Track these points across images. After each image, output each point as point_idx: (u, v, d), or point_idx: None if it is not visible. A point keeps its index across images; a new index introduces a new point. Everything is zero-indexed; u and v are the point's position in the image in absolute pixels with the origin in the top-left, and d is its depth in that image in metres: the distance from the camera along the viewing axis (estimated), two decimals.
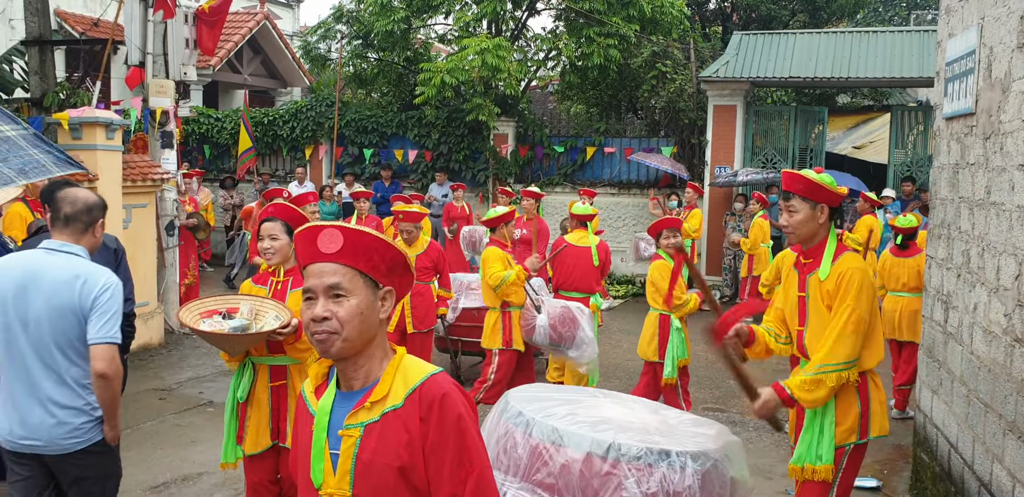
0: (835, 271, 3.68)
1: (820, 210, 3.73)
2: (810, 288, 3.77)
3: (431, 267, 7.44)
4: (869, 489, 5.82)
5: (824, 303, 3.70)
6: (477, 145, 15.21)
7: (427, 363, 2.07)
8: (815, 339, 3.73)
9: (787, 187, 3.75)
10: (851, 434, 3.70)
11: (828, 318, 3.66)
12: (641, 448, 3.02)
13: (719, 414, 7.54)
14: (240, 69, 21.10)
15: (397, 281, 2.05)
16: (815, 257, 3.79)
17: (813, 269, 3.78)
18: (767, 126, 14.42)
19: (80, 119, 8.24)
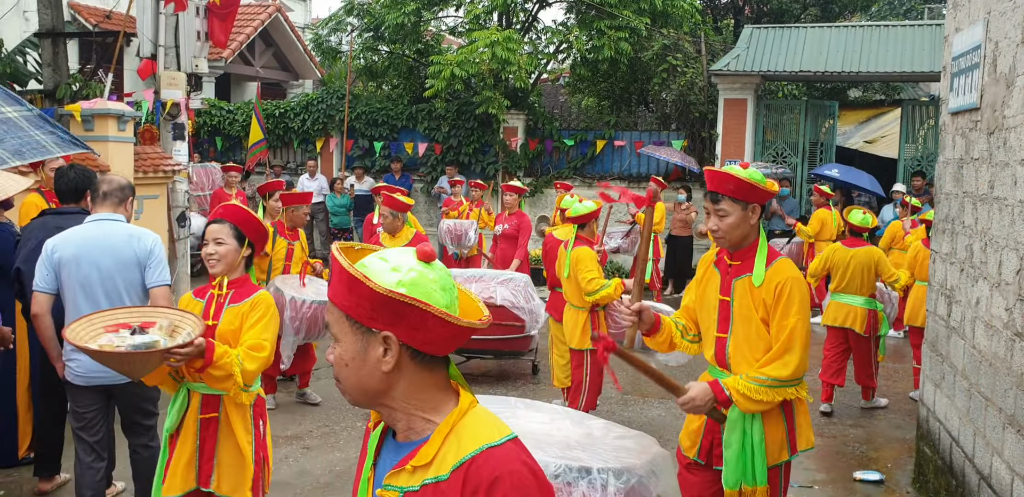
0: (772, 279, 3.36)
1: (752, 211, 3.38)
2: (737, 293, 3.42)
3: None
4: (873, 482, 5.84)
5: (757, 312, 3.37)
6: (487, 138, 15.24)
7: (496, 424, 1.64)
8: (741, 350, 3.42)
9: (714, 187, 3.37)
10: (782, 451, 3.45)
11: (758, 328, 3.36)
12: (559, 465, 2.81)
13: None
14: (252, 61, 21.17)
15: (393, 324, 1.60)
16: (745, 260, 3.44)
17: (742, 273, 3.43)
18: (778, 120, 14.40)
19: (92, 111, 8.31)
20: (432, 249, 1.65)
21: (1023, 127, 4.04)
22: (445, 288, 1.63)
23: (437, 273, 1.63)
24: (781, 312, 3.31)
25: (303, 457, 6.08)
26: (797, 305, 3.31)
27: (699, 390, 3.29)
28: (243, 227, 3.79)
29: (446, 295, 1.63)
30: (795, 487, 5.70)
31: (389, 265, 1.62)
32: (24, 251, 5.01)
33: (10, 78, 10.22)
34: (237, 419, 3.77)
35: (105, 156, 8.39)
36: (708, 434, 3.54)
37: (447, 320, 1.57)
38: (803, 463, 6.20)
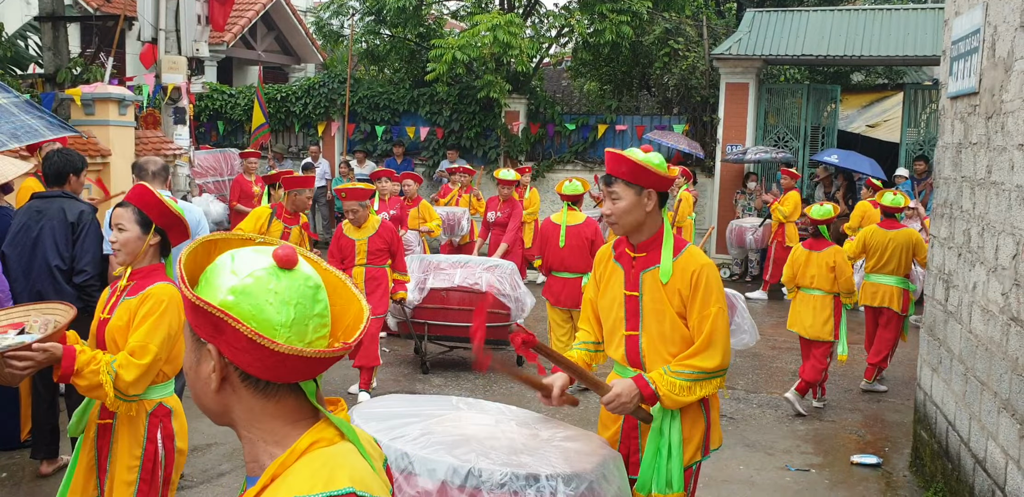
0: (680, 268, 3.16)
1: (647, 196, 3.14)
2: (646, 287, 3.21)
3: (384, 249, 6.93)
4: (870, 466, 5.88)
5: (670, 305, 3.17)
6: (488, 122, 15.21)
7: (331, 476, 1.33)
8: (656, 347, 3.21)
9: (609, 170, 3.19)
10: (697, 451, 3.26)
11: (673, 322, 3.16)
12: (505, 473, 2.61)
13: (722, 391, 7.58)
14: (254, 45, 21.12)
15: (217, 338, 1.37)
16: (650, 251, 3.22)
17: (648, 265, 3.21)
18: (779, 104, 14.37)
19: (92, 95, 8.32)
20: (293, 253, 1.39)
21: (1021, 111, 4.04)
22: (289, 302, 1.36)
23: (287, 283, 1.37)
24: (700, 302, 3.12)
25: None
26: (716, 293, 3.13)
27: (624, 386, 3.08)
28: (149, 211, 3.36)
29: (285, 311, 1.35)
30: (792, 470, 5.74)
31: (230, 266, 1.39)
32: (9, 235, 5.06)
33: (11, 62, 10.22)
34: (124, 430, 3.38)
35: (106, 140, 8.40)
36: (625, 441, 3.32)
37: (259, 342, 1.31)
38: (800, 447, 6.25)
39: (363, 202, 6.81)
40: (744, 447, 6.20)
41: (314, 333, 1.39)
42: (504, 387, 7.53)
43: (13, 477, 5.26)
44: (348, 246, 6.85)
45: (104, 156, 8.36)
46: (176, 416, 3.49)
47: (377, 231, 6.87)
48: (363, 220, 6.86)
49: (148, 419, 3.39)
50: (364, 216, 6.85)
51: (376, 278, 6.93)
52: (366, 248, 6.81)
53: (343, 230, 6.93)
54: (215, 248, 1.51)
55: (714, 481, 5.50)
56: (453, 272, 7.85)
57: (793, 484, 5.54)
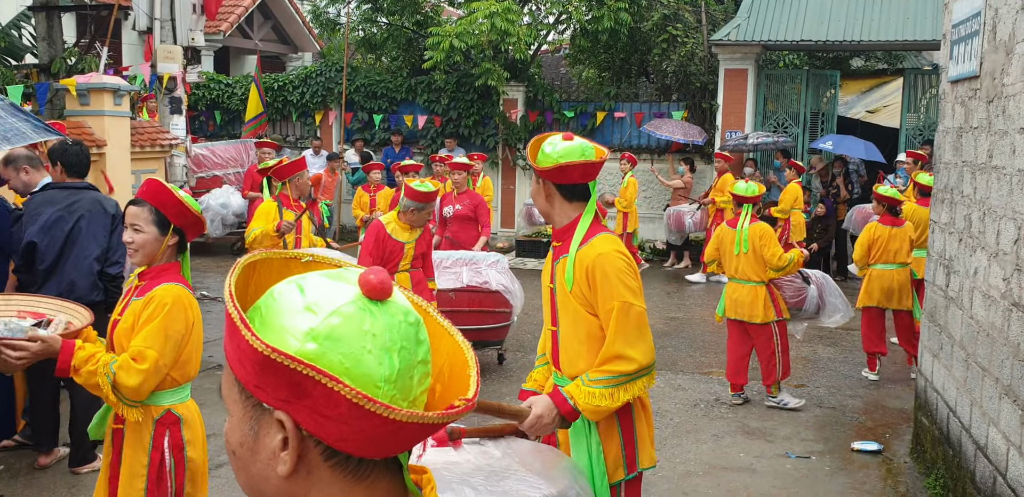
0: (579, 260, 2.91)
1: (543, 185, 3.00)
2: (557, 279, 3.01)
3: (425, 252, 6.51)
4: (870, 452, 5.86)
5: (575, 299, 2.94)
6: (487, 110, 15.15)
7: None
8: (570, 345, 3.00)
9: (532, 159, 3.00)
10: (617, 468, 2.97)
11: (576, 317, 2.94)
12: None
13: (723, 378, 7.57)
14: (251, 34, 21.02)
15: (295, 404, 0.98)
16: (564, 240, 3.00)
17: (561, 254, 3.00)
18: (779, 90, 14.30)
19: (87, 85, 8.27)
20: (386, 278, 1.04)
21: (1022, 95, 4.00)
22: (391, 348, 1.01)
23: (385, 321, 1.02)
24: (601, 296, 2.86)
25: None
26: (617, 285, 2.84)
27: (542, 406, 2.80)
28: (166, 211, 3.17)
29: (388, 361, 1.00)
30: (792, 458, 5.73)
31: (304, 301, 1.02)
32: (35, 226, 5.01)
33: (5, 52, 10.16)
34: (132, 437, 3.26)
35: (101, 130, 8.36)
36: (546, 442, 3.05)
37: (368, 408, 0.95)
38: (800, 434, 6.23)
39: (432, 204, 6.32)
40: (744, 434, 6.19)
41: (419, 386, 1.05)
42: (492, 391, 7.50)
43: (10, 469, 5.24)
44: (396, 249, 6.20)
45: (99, 147, 8.32)
46: (188, 425, 3.31)
47: (423, 233, 6.37)
48: (426, 222, 6.35)
49: (154, 427, 3.24)
50: (429, 219, 6.39)
51: (421, 283, 6.42)
52: (414, 252, 6.29)
53: (387, 230, 6.20)
54: (254, 272, 1.14)
55: (714, 469, 5.50)
56: (459, 271, 7.33)
57: (793, 471, 5.53)
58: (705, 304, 10.84)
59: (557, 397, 2.84)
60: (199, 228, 3.33)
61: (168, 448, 3.24)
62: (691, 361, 8.18)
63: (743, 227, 6.58)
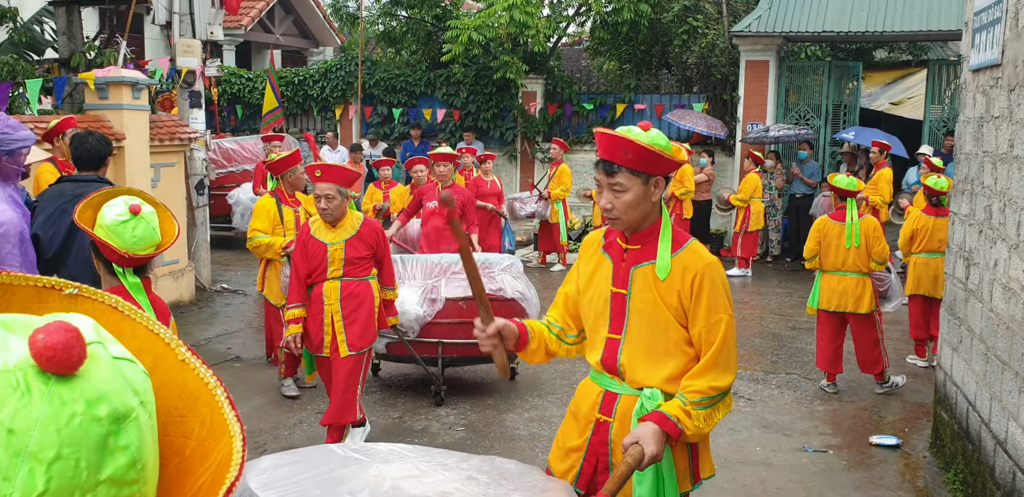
0: (681, 267, 2.71)
1: (654, 185, 2.69)
2: (636, 286, 2.77)
3: (368, 256, 5.21)
4: (889, 447, 5.80)
5: (665, 308, 2.73)
6: (505, 103, 15.12)
7: None
8: (639, 354, 2.78)
9: (609, 155, 2.66)
10: (684, 480, 2.84)
11: (666, 328, 2.74)
12: None
13: (744, 372, 7.50)
14: (272, 29, 21.09)
15: None
16: (645, 244, 2.78)
17: (642, 260, 2.77)
18: (800, 82, 14.16)
19: (106, 79, 8.30)
20: (71, 343, 0.74)
21: None
22: (36, 456, 0.72)
23: (48, 411, 0.73)
24: (707, 308, 2.68)
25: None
26: (724, 297, 2.72)
27: (650, 436, 2.55)
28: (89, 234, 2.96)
29: (23, 476, 0.71)
30: (809, 452, 5.67)
31: None
32: (40, 218, 5.03)
33: (27, 47, 10.23)
34: None
35: (120, 124, 8.39)
36: (592, 455, 2.88)
37: None
38: (818, 428, 6.17)
39: (342, 187, 5.02)
40: (761, 428, 6.14)
41: None
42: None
43: None
44: (319, 252, 5.08)
45: (118, 140, 8.35)
46: None
47: (358, 232, 5.13)
48: (338, 215, 5.06)
49: None
50: (340, 209, 5.05)
51: (357, 295, 5.18)
52: (343, 255, 5.09)
53: (310, 229, 5.17)
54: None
55: (730, 463, 5.45)
56: None
57: (810, 465, 5.47)
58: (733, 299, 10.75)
59: (667, 424, 2.61)
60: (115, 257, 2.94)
61: None
62: None
63: (853, 221, 6.73)
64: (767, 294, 11.05)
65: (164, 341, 0.92)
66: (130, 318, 0.93)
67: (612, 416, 2.83)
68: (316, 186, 4.96)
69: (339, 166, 5.03)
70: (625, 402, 2.81)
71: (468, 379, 7.06)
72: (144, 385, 0.81)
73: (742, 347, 8.41)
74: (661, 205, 2.79)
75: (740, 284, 11.66)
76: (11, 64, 8.44)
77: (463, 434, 5.87)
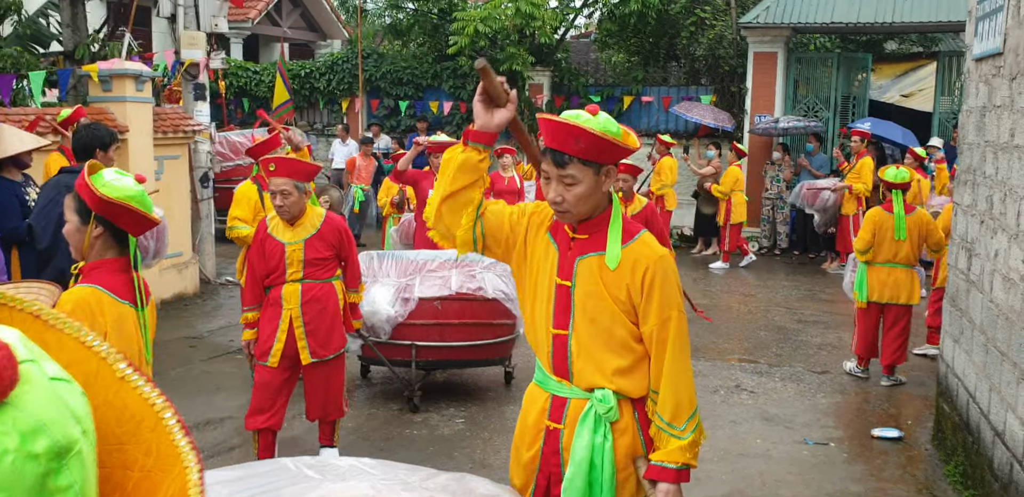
0: (632, 259, 2.53)
1: (606, 174, 2.49)
2: (581, 277, 2.56)
3: (330, 257, 4.79)
4: (891, 439, 5.75)
5: (613, 302, 2.54)
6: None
7: None
8: (589, 352, 2.57)
9: (558, 145, 2.42)
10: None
11: (612, 322, 2.54)
12: None
13: (748, 365, 7.50)
14: (279, 22, 21.08)
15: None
16: (593, 234, 2.58)
17: (589, 251, 2.57)
18: (809, 73, 14.05)
19: (109, 71, 8.30)
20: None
21: None
22: None
23: None
24: (659, 303, 2.49)
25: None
26: (676, 292, 2.54)
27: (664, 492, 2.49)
28: (84, 196, 2.82)
29: None
30: (810, 444, 5.64)
31: None
32: (36, 208, 5.06)
33: (31, 40, 10.25)
34: None
35: (123, 116, 8.40)
36: (545, 467, 2.70)
37: None
38: (820, 420, 6.14)
39: (299, 182, 4.55)
40: (763, 421, 6.10)
41: None
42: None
43: None
44: (276, 252, 4.66)
45: (121, 132, 8.35)
46: None
47: (319, 230, 4.70)
48: (296, 212, 4.61)
49: None
50: (298, 206, 4.59)
51: (319, 300, 4.75)
52: (302, 256, 4.67)
53: (267, 227, 4.73)
54: None
55: (729, 455, 5.42)
56: (448, 274, 6.02)
57: (810, 457, 5.44)
58: (731, 291, 10.73)
59: (681, 476, 2.51)
60: (134, 219, 2.84)
61: None
62: (713, 348, 8.09)
63: (900, 213, 6.78)
64: (774, 287, 11.00)
65: (99, 355, 0.80)
66: (55, 328, 0.79)
67: (562, 423, 2.63)
68: (271, 181, 4.51)
69: (295, 159, 4.55)
70: (575, 406, 2.61)
71: (468, 370, 7.04)
72: (85, 410, 0.70)
73: (747, 339, 8.38)
74: (612, 192, 2.62)
75: (726, 276, 11.62)
76: (15, 57, 8.46)
77: (462, 425, 5.86)
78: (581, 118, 2.43)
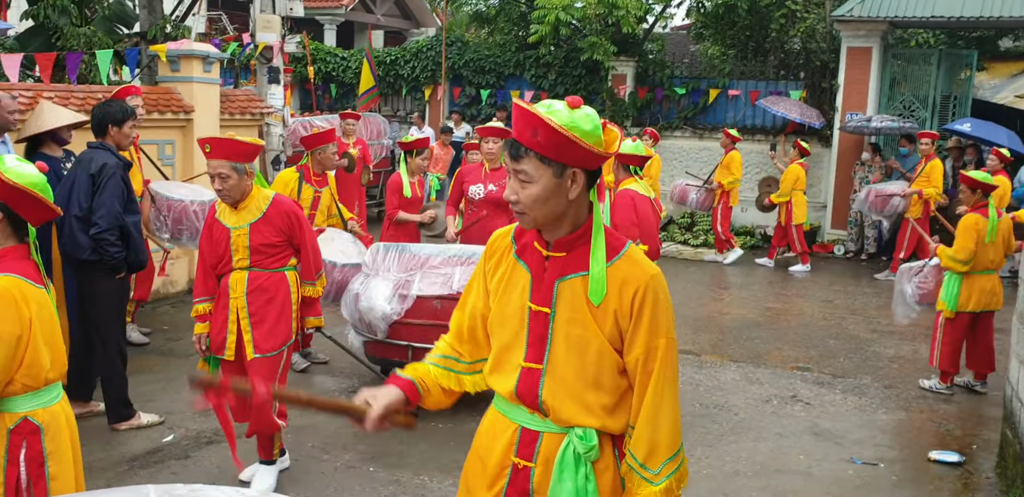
0: (619, 280, 2.19)
1: (571, 179, 2.15)
2: (563, 303, 2.23)
3: (281, 243, 4.43)
4: (949, 464, 5.32)
5: (599, 331, 2.21)
6: (594, 86, 14.78)
7: None
8: (567, 388, 2.24)
9: (517, 134, 2.15)
10: None
11: (599, 355, 2.22)
12: None
13: (806, 374, 7.10)
14: (373, 9, 21.24)
15: None
16: (571, 251, 2.24)
17: (569, 271, 2.24)
18: (907, 70, 13.30)
19: (177, 52, 8.38)
20: None
21: None
22: None
23: None
24: (648, 329, 2.19)
25: None
26: (667, 318, 2.22)
27: None
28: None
29: None
30: (858, 463, 5.26)
31: None
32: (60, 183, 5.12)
33: (118, 21, 10.45)
34: None
35: (190, 96, 8.47)
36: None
37: None
38: (875, 438, 5.73)
39: (238, 163, 4.19)
40: (811, 435, 5.73)
41: None
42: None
43: None
44: (222, 238, 4.37)
45: (187, 113, 8.44)
46: (51, 434, 2.88)
47: (265, 214, 4.34)
48: (237, 195, 4.28)
49: (9, 437, 2.82)
50: (239, 189, 4.25)
51: (266, 290, 4.40)
52: (247, 242, 4.35)
53: (216, 211, 4.44)
54: None
55: (766, 470, 5.10)
56: (451, 272, 5.70)
57: (855, 478, 5.06)
58: (808, 296, 10.26)
59: None
60: (36, 207, 2.83)
61: (24, 461, 2.83)
62: (777, 354, 7.71)
63: (995, 216, 6.58)
64: (854, 293, 10.47)
65: None
66: None
67: (533, 460, 2.29)
68: (208, 163, 4.21)
69: (232, 139, 4.20)
70: (549, 442, 2.28)
71: None
72: None
73: (814, 347, 7.96)
74: (593, 203, 2.24)
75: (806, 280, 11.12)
76: (88, 36, 8.61)
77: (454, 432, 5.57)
78: (551, 109, 2.11)
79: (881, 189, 11.07)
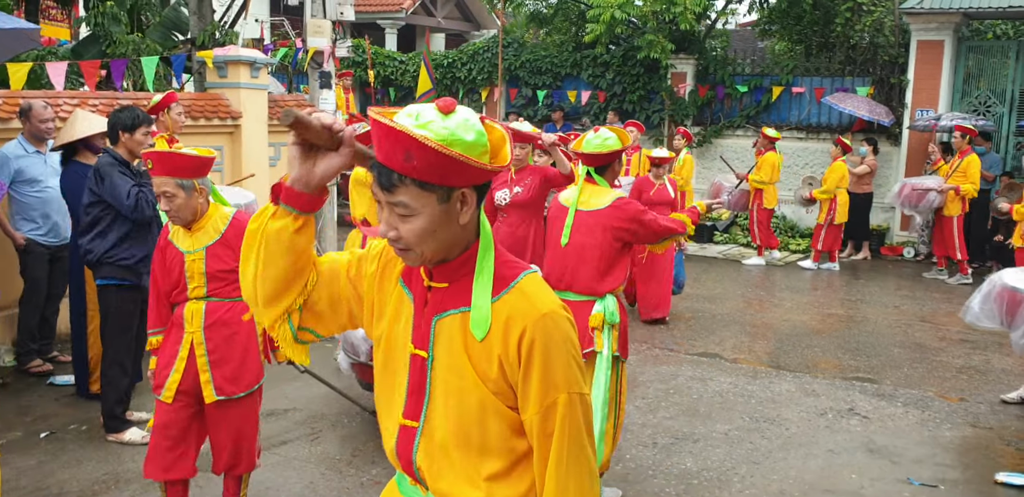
0: (504, 317, 1.75)
1: (460, 200, 1.73)
2: (440, 346, 1.81)
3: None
4: (1019, 487, 4.94)
5: (481, 381, 1.78)
6: (653, 84, 14.49)
7: None
8: (447, 453, 1.82)
9: (385, 159, 1.67)
10: None
11: (483, 409, 1.79)
12: None
13: (868, 385, 6.75)
14: (434, 12, 21.25)
15: None
16: (454, 281, 1.81)
17: (449, 307, 1.81)
18: (982, 64, 12.69)
19: (225, 57, 8.39)
20: None
21: None
22: None
23: None
24: (540, 381, 1.74)
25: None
26: (566, 366, 1.75)
27: None
28: None
29: None
30: (915, 485, 4.92)
31: None
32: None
33: (173, 27, 10.56)
34: None
35: (237, 102, 8.48)
36: None
37: None
38: (936, 456, 5.37)
39: (185, 179, 3.67)
40: (867, 452, 5.40)
41: None
42: None
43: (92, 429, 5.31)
44: (175, 263, 3.81)
45: (235, 118, 8.44)
46: None
47: (223, 236, 3.80)
48: (187, 216, 3.74)
49: None
50: (189, 208, 3.72)
51: (227, 324, 3.83)
52: (203, 268, 3.80)
53: (169, 232, 3.90)
54: None
55: (814, 490, 4.80)
56: None
57: None
58: (874, 301, 9.83)
59: None
60: None
61: None
62: (835, 364, 7.36)
63: None
64: (923, 299, 10.00)
65: None
66: None
67: None
68: (153, 181, 3.69)
69: (175, 153, 3.69)
70: None
71: None
72: None
73: (876, 356, 7.58)
74: (480, 221, 1.81)
75: (872, 285, 10.64)
76: (136, 43, 8.68)
77: None
78: (420, 120, 1.65)
79: (917, 183, 10.64)
